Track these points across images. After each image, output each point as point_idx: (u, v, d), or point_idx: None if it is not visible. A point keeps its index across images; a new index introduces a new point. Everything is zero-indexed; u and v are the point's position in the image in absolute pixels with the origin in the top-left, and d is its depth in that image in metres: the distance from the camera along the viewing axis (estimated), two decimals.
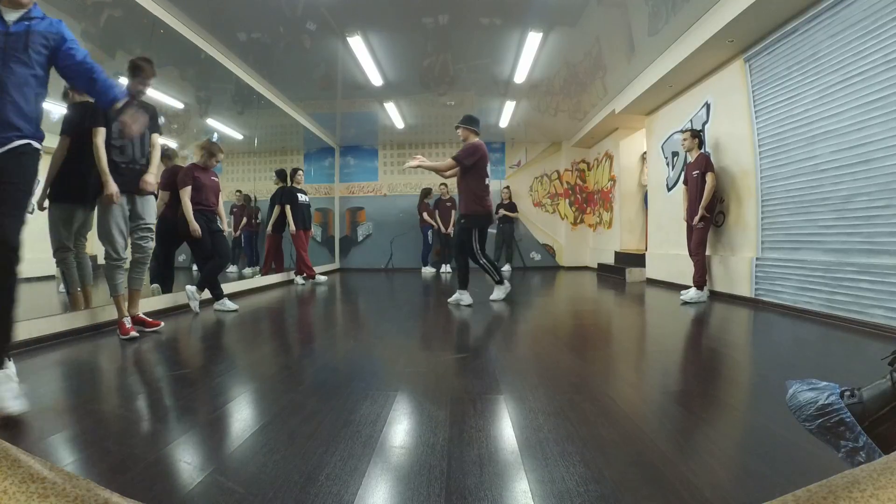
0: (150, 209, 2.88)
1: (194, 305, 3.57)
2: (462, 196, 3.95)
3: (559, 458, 1.14)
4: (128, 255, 2.78)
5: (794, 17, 3.33)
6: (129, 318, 2.74)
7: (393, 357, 2.26)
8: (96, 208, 2.74)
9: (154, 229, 2.95)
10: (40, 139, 1.72)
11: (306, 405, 1.54)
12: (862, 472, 0.39)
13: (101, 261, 2.93)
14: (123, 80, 2.80)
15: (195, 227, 3.46)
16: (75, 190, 2.77)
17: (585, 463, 1.11)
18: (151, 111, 2.81)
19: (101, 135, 2.64)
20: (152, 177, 2.86)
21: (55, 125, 2.77)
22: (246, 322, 3.33)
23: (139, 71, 2.69)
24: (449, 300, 3.97)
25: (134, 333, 2.68)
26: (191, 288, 3.57)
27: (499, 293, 4.10)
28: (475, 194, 3.87)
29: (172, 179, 3.64)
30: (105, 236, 2.70)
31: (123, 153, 2.73)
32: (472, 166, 3.82)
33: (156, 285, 3.64)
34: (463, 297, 3.88)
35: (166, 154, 3.85)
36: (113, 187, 2.62)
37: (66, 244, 2.77)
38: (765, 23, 3.48)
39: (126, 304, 2.77)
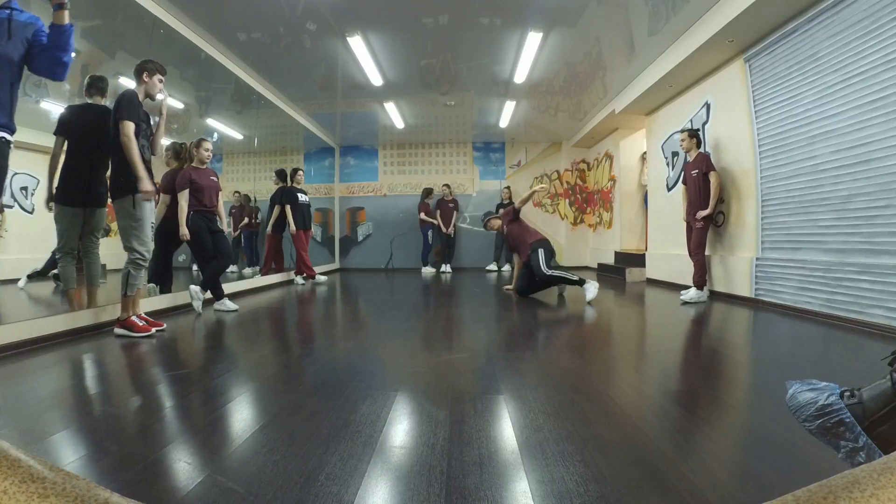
0: (153, 209, 2.92)
1: (197, 305, 3.57)
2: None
3: (559, 458, 1.14)
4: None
5: (794, 17, 3.33)
6: (137, 318, 2.76)
7: (393, 357, 2.26)
8: (125, 208, 2.67)
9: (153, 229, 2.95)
10: (12, 131, 1.71)
11: (306, 405, 1.54)
12: (862, 472, 0.39)
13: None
14: (124, 81, 2.80)
15: (184, 231, 3.54)
16: (83, 192, 2.76)
17: (585, 463, 1.11)
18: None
19: (130, 128, 2.59)
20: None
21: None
22: (246, 322, 3.33)
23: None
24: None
25: (159, 328, 2.76)
26: (194, 288, 3.57)
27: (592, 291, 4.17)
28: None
29: (173, 182, 3.65)
30: (136, 238, 2.68)
31: (143, 152, 2.72)
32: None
33: (152, 285, 3.64)
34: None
35: (178, 153, 3.85)
36: (149, 184, 2.62)
37: (71, 246, 2.76)
38: (765, 23, 3.48)
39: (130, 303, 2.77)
